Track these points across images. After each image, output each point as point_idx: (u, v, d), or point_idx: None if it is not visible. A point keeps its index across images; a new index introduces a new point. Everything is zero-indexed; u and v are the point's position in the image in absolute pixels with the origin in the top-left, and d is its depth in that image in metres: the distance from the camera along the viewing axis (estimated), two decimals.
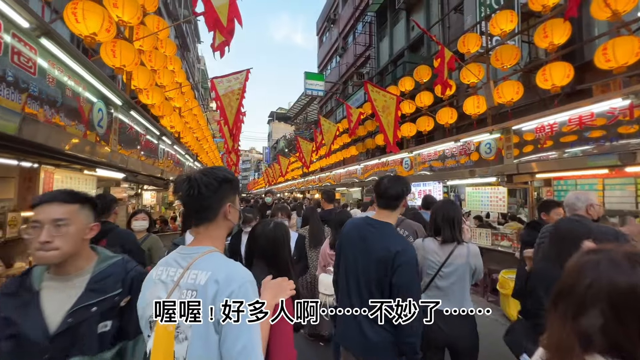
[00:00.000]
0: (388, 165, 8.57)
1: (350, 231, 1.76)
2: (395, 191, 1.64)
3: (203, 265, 0.94)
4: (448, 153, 6.11)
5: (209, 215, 1.01)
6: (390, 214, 1.69)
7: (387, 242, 1.58)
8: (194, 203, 0.99)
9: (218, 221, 1.03)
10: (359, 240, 1.67)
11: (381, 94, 6.55)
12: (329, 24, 23.87)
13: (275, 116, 50.12)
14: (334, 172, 12.90)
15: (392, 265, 1.52)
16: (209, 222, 1.02)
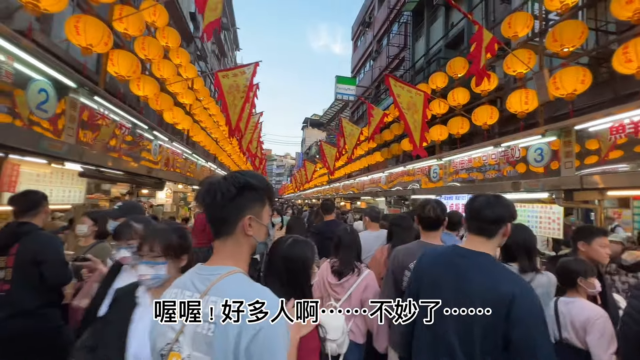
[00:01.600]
0: (413, 175, 7.51)
1: (433, 266, 1.40)
2: (494, 213, 1.31)
3: (223, 290, 0.81)
4: (486, 160, 4.98)
5: (226, 228, 0.88)
6: (486, 242, 1.33)
7: (494, 280, 1.23)
8: (210, 212, 0.89)
9: (237, 236, 0.89)
10: (449, 278, 1.31)
11: (406, 90, 5.62)
12: (364, 28, 23.24)
13: (309, 122, 50.32)
14: (358, 179, 11.97)
15: (508, 316, 1.15)
16: (227, 236, 0.89)
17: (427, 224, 2.02)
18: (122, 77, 3.87)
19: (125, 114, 3.74)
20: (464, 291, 1.24)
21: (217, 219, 0.89)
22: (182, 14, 13.59)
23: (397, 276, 1.96)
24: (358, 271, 2.04)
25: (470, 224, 1.38)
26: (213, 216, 0.89)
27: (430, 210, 1.98)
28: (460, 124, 5.75)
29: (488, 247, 1.33)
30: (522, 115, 4.35)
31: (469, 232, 1.38)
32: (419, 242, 2.05)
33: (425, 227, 2.05)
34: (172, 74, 5.32)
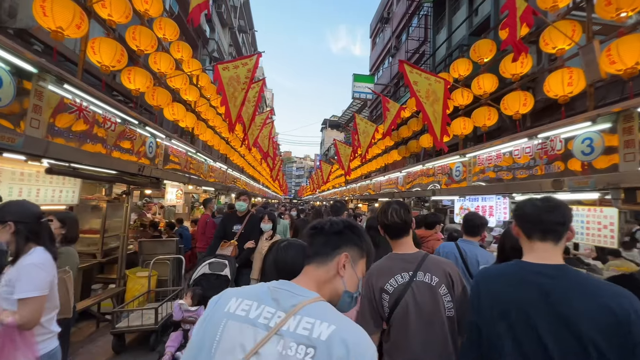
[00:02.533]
0: (433, 176, 6.81)
1: (507, 292, 1.16)
2: (560, 214, 1.17)
3: (318, 312, 0.75)
4: (518, 155, 4.27)
5: (322, 255, 0.90)
6: (555, 249, 1.18)
7: (599, 297, 1.01)
8: (315, 238, 0.95)
9: (329, 269, 0.88)
10: (537, 303, 1.08)
11: (423, 77, 5.01)
12: (382, 24, 22.56)
13: (328, 124, 49.98)
14: (374, 180, 11.33)
15: (629, 335, 0.93)
16: (320, 264, 0.89)
17: (393, 231, 1.69)
18: (106, 67, 3.56)
19: (108, 107, 3.42)
20: (565, 317, 1.03)
21: (318, 245, 0.91)
22: None
23: (373, 301, 1.60)
24: None
25: (529, 230, 1.22)
26: (316, 242, 0.92)
27: (393, 214, 1.66)
28: (487, 115, 5.03)
29: (558, 254, 1.18)
30: (563, 101, 3.62)
31: (530, 238, 1.22)
32: (391, 255, 1.69)
33: (392, 235, 1.71)
34: (169, 68, 5.02)
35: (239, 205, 3.97)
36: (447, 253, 2.90)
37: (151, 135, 4.74)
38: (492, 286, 1.22)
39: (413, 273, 1.55)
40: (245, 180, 15.75)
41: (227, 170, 10.39)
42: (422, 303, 1.50)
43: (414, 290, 1.51)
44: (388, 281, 1.56)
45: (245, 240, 3.74)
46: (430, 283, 1.53)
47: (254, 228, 3.85)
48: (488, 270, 1.35)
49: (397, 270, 1.57)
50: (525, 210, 1.26)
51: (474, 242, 2.89)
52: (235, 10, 24.01)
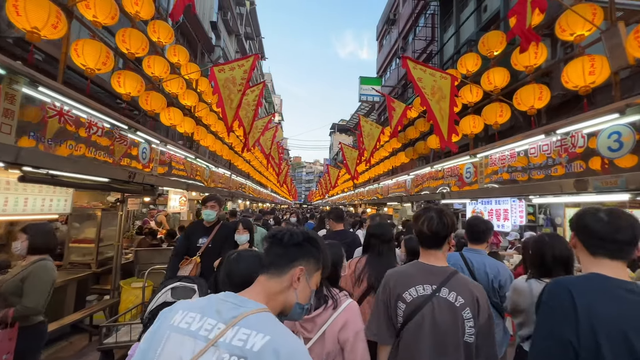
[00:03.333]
0: (442, 179, 6.44)
1: (611, 311, 1.01)
2: (632, 234, 1.10)
3: (256, 324, 0.75)
4: (535, 154, 3.89)
5: (277, 268, 0.91)
6: (624, 266, 1.12)
7: None
8: (272, 249, 0.95)
9: (282, 281, 0.89)
10: None
11: (428, 73, 4.70)
12: (389, 26, 22.31)
13: (337, 128, 49.81)
14: (382, 183, 10.98)
15: None
16: (273, 276, 0.90)
17: (423, 239, 1.57)
18: (91, 70, 3.42)
19: (92, 111, 3.27)
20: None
21: (274, 255, 0.91)
22: (201, 24, 13.68)
23: (389, 308, 1.51)
24: (334, 302, 1.50)
25: (595, 248, 1.15)
26: (272, 252, 0.92)
27: (425, 223, 1.52)
28: (499, 111, 4.66)
29: (626, 272, 1.14)
30: (585, 92, 3.25)
31: (594, 255, 1.15)
32: (416, 263, 1.58)
33: (422, 243, 1.58)
34: (164, 71, 4.89)
35: (206, 215, 3.17)
36: (451, 265, 2.58)
37: (145, 140, 4.60)
38: (591, 302, 1.04)
39: (437, 288, 1.44)
40: (252, 186, 15.63)
41: (231, 176, 10.25)
42: (441, 321, 1.38)
43: (434, 305, 1.41)
44: (407, 289, 1.45)
45: (212, 257, 2.92)
46: (454, 303, 1.41)
47: (226, 241, 3.10)
48: (578, 282, 1.14)
49: (420, 280, 1.47)
50: (591, 225, 1.14)
51: (480, 250, 2.56)
52: (241, 18, 24.24)
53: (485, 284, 2.39)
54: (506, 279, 2.42)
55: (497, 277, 2.42)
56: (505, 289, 2.38)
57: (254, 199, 16.98)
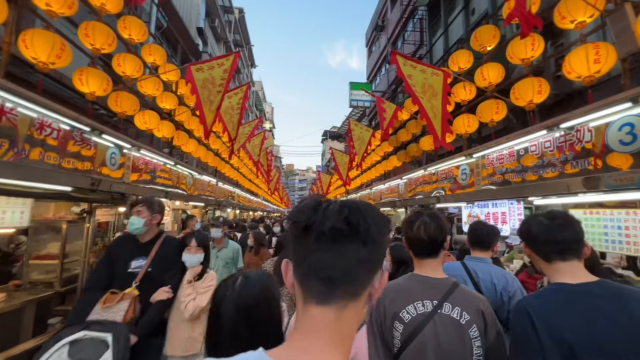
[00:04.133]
0: (436, 183, 6.15)
1: (570, 322, 1.00)
2: (575, 231, 1.14)
3: None
4: (536, 152, 3.62)
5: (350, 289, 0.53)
6: (580, 265, 1.14)
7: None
8: None
9: (359, 304, 0.54)
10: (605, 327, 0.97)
11: (419, 69, 4.43)
12: (378, 32, 22.42)
13: (329, 135, 49.77)
14: (374, 188, 10.68)
15: None
16: (349, 302, 0.53)
17: (417, 248, 1.39)
18: (44, 64, 3.03)
19: (43, 110, 2.87)
20: None
21: (347, 260, 0.52)
22: (187, 29, 13.39)
23: (384, 330, 1.29)
24: None
25: (545, 252, 1.16)
26: (343, 254, 0.52)
27: (421, 227, 1.35)
28: (495, 108, 4.41)
29: (585, 271, 1.13)
30: (589, 82, 3.00)
31: (550, 262, 1.14)
32: (412, 275, 1.40)
33: (415, 252, 1.40)
34: (136, 70, 4.51)
35: (131, 224, 2.16)
36: (452, 276, 2.24)
37: (115, 145, 4.19)
38: (549, 318, 1.02)
39: (438, 303, 1.26)
40: (242, 194, 15.18)
41: (217, 184, 9.82)
42: (445, 343, 1.20)
43: (436, 324, 1.23)
44: (405, 307, 1.27)
45: (154, 288, 2.09)
46: (459, 320, 1.22)
47: (172, 263, 2.22)
48: (536, 299, 1.12)
49: (419, 295, 1.28)
50: (535, 231, 1.17)
51: (485, 258, 2.23)
52: (230, 25, 24.08)
53: (493, 297, 2.06)
54: (516, 290, 2.09)
55: (506, 289, 2.09)
56: (515, 301, 2.04)
57: (244, 207, 16.49)
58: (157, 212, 2.25)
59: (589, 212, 3.88)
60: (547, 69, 6.46)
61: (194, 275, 2.25)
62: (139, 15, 5.23)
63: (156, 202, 2.29)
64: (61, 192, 3.34)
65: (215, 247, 3.84)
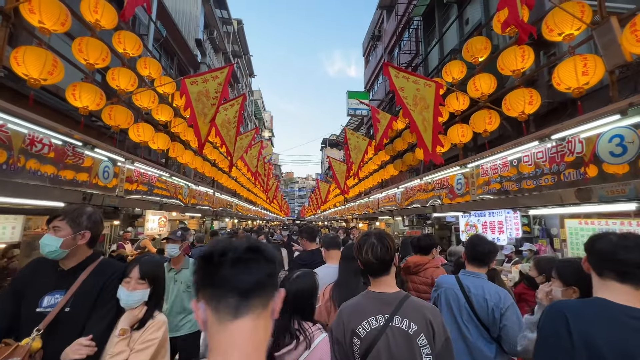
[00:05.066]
0: (432, 191, 6.14)
1: (608, 336, 0.99)
2: None
3: None
4: (528, 162, 3.62)
5: None
6: (631, 292, 1.06)
7: None
8: None
9: (267, 317, 0.69)
10: None
11: (411, 80, 4.46)
12: (375, 42, 22.72)
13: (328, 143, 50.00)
14: (372, 197, 10.65)
15: None
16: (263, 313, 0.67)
17: (369, 269, 1.48)
18: (36, 81, 3.04)
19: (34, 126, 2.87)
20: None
21: (259, 280, 0.65)
22: (185, 41, 13.56)
23: (345, 346, 1.40)
24: (306, 338, 1.37)
25: (606, 266, 1.12)
26: (256, 275, 0.65)
27: (369, 251, 1.43)
28: (488, 119, 4.43)
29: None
30: (578, 94, 3.01)
31: (605, 278, 1.10)
32: (367, 293, 1.49)
33: (369, 272, 1.49)
34: (130, 84, 4.54)
35: (44, 246, 1.48)
36: (445, 290, 2.21)
37: (108, 159, 4.19)
38: (588, 328, 1.02)
39: (389, 317, 1.35)
40: (240, 203, 15.14)
41: (214, 194, 9.80)
42: (397, 354, 1.30)
43: (388, 337, 1.32)
44: (360, 323, 1.37)
45: (70, 335, 1.41)
46: (407, 331, 1.32)
47: (104, 300, 1.54)
48: (575, 305, 1.12)
49: (372, 312, 1.38)
50: (599, 246, 1.14)
51: (480, 273, 2.20)
52: (228, 36, 24.41)
53: (484, 314, 2.03)
54: (508, 307, 2.05)
55: (497, 305, 2.05)
56: (506, 318, 2.01)
57: (242, 216, 16.43)
58: (85, 227, 1.55)
59: (584, 222, 3.86)
60: (540, 78, 6.52)
61: (132, 322, 1.50)
62: (137, 27, 5.30)
63: (85, 214, 1.59)
64: (52, 208, 3.32)
65: (173, 268, 2.91)
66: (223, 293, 0.62)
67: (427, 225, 7.54)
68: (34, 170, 2.99)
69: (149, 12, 7.77)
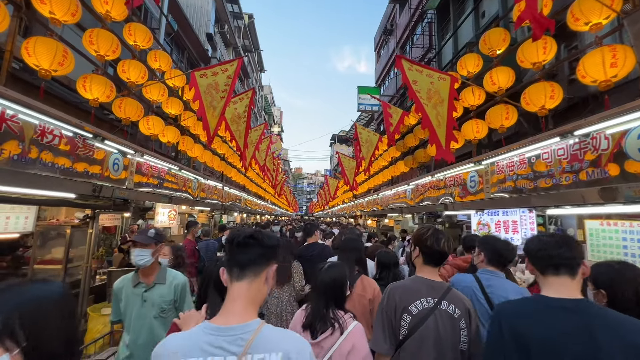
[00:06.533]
0: (444, 188, 5.99)
1: (534, 329, 1.13)
2: (569, 249, 1.23)
3: (264, 345, 0.87)
4: (549, 160, 3.45)
5: (253, 270, 1.00)
6: (572, 282, 1.21)
7: (625, 332, 1.04)
8: (241, 253, 1.00)
9: (260, 281, 1.00)
10: (565, 337, 1.08)
11: (425, 74, 4.31)
12: (386, 37, 22.32)
13: (337, 139, 49.74)
14: (381, 194, 10.51)
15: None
16: (252, 280, 0.98)
17: (430, 257, 1.64)
18: (46, 72, 3.04)
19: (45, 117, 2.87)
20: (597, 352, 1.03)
21: (251, 258, 0.98)
22: (196, 35, 13.57)
23: (393, 320, 1.56)
24: (340, 326, 1.58)
25: (544, 263, 1.28)
26: (249, 254, 0.98)
27: (437, 242, 1.61)
28: (505, 114, 4.25)
29: (576, 289, 1.20)
30: (605, 87, 2.84)
31: (547, 274, 1.25)
32: (417, 278, 1.66)
33: (427, 261, 1.65)
34: (140, 76, 4.53)
35: None
36: (463, 288, 2.11)
37: (118, 151, 4.20)
38: (516, 323, 1.17)
39: (438, 300, 1.54)
40: (248, 198, 15.20)
41: (223, 188, 9.83)
42: (443, 332, 1.49)
43: (437, 317, 1.51)
44: (413, 302, 1.54)
45: None
46: (453, 314, 1.52)
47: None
48: (510, 305, 1.29)
49: (424, 294, 1.56)
50: (534, 245, 1.29)
51: (499, 272, 2.11)
52: (239, 31, 24.37)
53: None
54: None
55: None
56: None
57: (251, 211, 16.52)
58: None
59: (606, 224, 3.68)
60: (560, 72, 6.25)
61: None
62: (148, 21, 5.28)
63: None
64: (63, 199, 3.35)
65: (141, 282, 2.12)
66: (231, 265, 0.98)
67: (438, 223, 7.38)
68: (45, 162, 3.01)
69: (157, 2, 7.74)
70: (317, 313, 1.61)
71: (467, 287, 2.07)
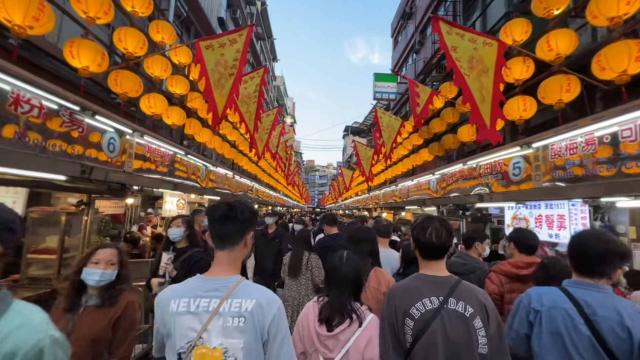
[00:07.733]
0: (476, 179, 5.28)
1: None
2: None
3: (242, 293, 1.13)
4: (630, 137, 2.74)
5: (233, 240, 1.24)
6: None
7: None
8: (223, 226, 1.23)
9: (240, 248, 1.25)
10: None
11: (467, 38, 3.63)
12: (405, 21, 21.21)
13: (350, 130, 48.81)
14: (400, 185, 9.83)
15: None
16: (232, 248, 1.24)
17: (428, 251, 1.49)
18: (20, 28, 2.56)
19: (20, 82, 2.40)
20: None
21: (230, 231, 1.22)
22: (207, 19, 13.06)
23: (395, 326, 1.38)
24: (358, 317, 1.48)
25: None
26: (228, 228, 1.22)
27: (432, 234, 1.46)
28: (566, 86, 3.52)
29: None
30: None
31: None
32: (418, 275, 1.49)
33: (425, 255, 1.50)
34: (139, 47, 4.03)
35: None
36: (549, 309, 1.50)
37: (114, 129, 3.74)
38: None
39: (444, 299, 1.36)
40: (260, 188, 14.79)
41: (233, 177, 9.40)
42: (453, 335, 1.29)
43: (444, 318, 1.32)
44: (414, 304, 1.37)
45: None
46: (464, 313, 1.32)
47: None
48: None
49: (426, 293, 1.39)
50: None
51: (602, 286, 1.49)
52: (252, 17, 23.74)
53: (623, 349, 1.30)
54: None
55: None
56: None
57: (262, 202, 16.14)
58: None
59: None
60: None
61: None
62: (157, 0, 4.77)
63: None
64: (48, 182, 2.90)
65: None
66: (213, 237, 1.24)
67: (466, 216, 6.70)
68: (21, 135, 2.55)
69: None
70: (336, 304, 1.52)
71: (555, 307, 1.45)
